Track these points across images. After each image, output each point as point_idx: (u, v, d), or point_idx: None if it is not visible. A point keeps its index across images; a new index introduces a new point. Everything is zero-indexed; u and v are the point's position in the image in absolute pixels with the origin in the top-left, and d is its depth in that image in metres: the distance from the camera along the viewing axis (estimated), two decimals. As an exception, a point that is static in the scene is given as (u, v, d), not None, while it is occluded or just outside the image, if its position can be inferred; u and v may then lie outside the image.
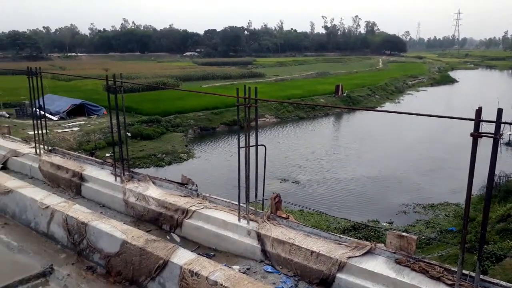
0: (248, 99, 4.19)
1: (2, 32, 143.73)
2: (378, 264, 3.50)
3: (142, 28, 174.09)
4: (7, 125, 9.13)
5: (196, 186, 5.23)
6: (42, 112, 7.87)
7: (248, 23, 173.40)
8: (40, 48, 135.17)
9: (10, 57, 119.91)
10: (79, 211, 4.43)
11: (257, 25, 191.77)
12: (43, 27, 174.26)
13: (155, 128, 37.38)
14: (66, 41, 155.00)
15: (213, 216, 4.55)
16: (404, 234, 3.63)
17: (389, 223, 18.06)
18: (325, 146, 34.52)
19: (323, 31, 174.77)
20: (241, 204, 4.45)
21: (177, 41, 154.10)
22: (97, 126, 35.66)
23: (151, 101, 43.23)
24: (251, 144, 4.37)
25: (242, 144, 4.36)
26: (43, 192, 5.10)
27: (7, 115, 38.28)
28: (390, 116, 44.16)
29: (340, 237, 3.99)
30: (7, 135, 8.19)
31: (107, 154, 26.05)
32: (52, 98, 39.08)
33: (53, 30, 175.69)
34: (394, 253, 3.58)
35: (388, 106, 55.06)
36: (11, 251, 4.36)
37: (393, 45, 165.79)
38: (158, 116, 39.33)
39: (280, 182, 24.28)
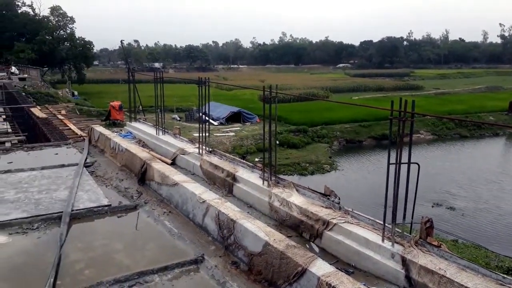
0: (403, 113, 3.94)
1: (180, 46, 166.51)
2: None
3: (298, 41, 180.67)
4: (178, 127, 10.53)
5: (339, 198, 5.15)
6: (207, 118, 8.81)
7: (409, 33, 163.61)
8: (209, 60, 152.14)
9: (185, 68, 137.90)
10: (230, 209, 4.80)
11: (418, 35, 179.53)
12: (212, 42, 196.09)
13: (301, 138, 38.29)
14: (230, 54, 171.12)
15: (355, 232, 4.40)
16: None
17: None
18: (486, 173, 30.01)
19: (498, 40, 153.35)
20: (386, 224, 4.20)
21: (331, 53, 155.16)
22: (250, 133, 38.34)
23: (300, 112, 44.44)
24: (402, 161, 4.09)
25: (392, 160, 4.11)
26: (201, 188, 5.70)
27: (178, 118, 44.18)
28: None
29: (503, 277, 3.41)
30: (178, 136, 9.43)
31: (256, 159, 27.78)
32: (215, 105, 43.49)
33: (220, 44, 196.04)
34: None
35: None
36: (172, 236, 4.98)
37: None
38: (306, 126, 40.16)
39: (432, 207, 22.17)
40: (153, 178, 6.63)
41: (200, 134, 7.73)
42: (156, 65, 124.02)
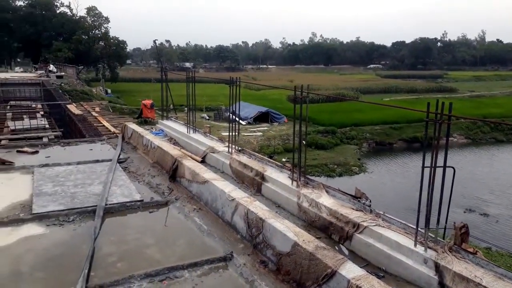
0: (440, 115, 3.84)
1: (210, 47, 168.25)
2: None
3: (328, 41, 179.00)
4: (208, 125, 10.66)
5: (370, 201, 5.07)
6: (236, 117, 8.86)
7: (443, 34, 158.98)
8: (238, 60, 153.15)
9: (215, 67, 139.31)
10: (258, 207, 4.82)
11: (453, 36, 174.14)
12: (242, 42, 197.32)
13: (329, 139, 37.93)
14: (260, 54, 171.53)
15: (386, 236, 4.33)
16: None
17: None
18: (521, 180, 28.83)
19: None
20: (419, 229, 4.11)
21: (361, 54, 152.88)
22: (278, 133, 38.30)
23: (328, 112, 44.06)
24: (436, 164, 3.99)
25: (426, 163, 4.02)
26: (231, 186, 5.74)
27: (208, 117, 44.73)
28: None
29: (545, 290, 3.27)
30: (208, 134, 9.55)
31: (283, 159, 27.71)
32: (243, 105, 43.79)
33: (250, 45, 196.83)
34: None
35: None
36: (201, 233, 5.05)
37: None
38: (334, 127, 39.77)
39: (464, 212, 21.48)
40: (184, 175, 6.74)
41: (230, 133, 7.79)
42: (187, 64, 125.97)
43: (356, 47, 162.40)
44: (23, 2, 76.23)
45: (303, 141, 5.94)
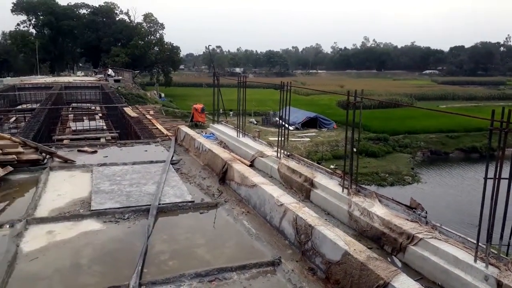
0: (506, 123, 3.60)
1: (260, 52, 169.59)
2: None
3: (382, 46, 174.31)
4: (258, 130, 10.73)
5: (426, 212, 4.85)
6: (285, 122, 8.85)
7: (506, 38, 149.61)
8: (288, 65, 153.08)
9: (264, 72, 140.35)
10: (308, 214, 4.76)
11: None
12: (292, 47, 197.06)
13: (381, 147, 36.83)
14: (310, 59, 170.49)
15: (443, 249, 4.11)
16: None
17: None
18: None
19: None
20: (479, 244, 3.87)
21: (416, 59, 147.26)
22: (326, 139, 37.77)
23: (380, 119, 42.77)
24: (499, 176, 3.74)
25: (489, 174, 3.78)
26: (279, 191, 5.73)
27: (255, 122, 45.07)
28: None
29: None
30: (257, 138, 9.61)
31: (331, 166, 27.26)
32: (291, 110, 43.52)
33: (300, 50, 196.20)
34: None
35: None
36: (250, 236, 5.07)
37: None
38: (386, 135, 38.58)
39: (528, 229, 19.92)
40: (233, 178, 6.82)
41: (279, 138, 7.79)
42: (237, 70, 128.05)
43: (411, 52, 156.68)
44: (86, 10, 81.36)
45: (351, 148, 5.80)
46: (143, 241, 4.68)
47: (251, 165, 8.22)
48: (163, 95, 66.12)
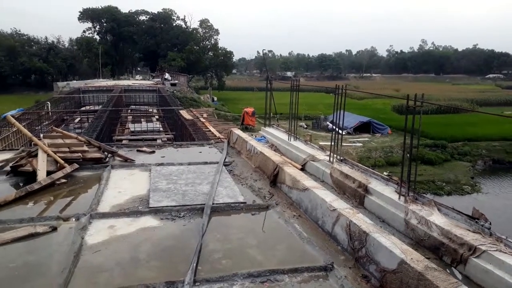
0: None
1: (312, 56, 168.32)
2: None
3: (441, 49, 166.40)
4: (309, 133, 10.67)
5: (490, 223, 4.57)
6: (336, 127, 8.72)
7: None
8: (340, 69, 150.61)
9: (315, 76, 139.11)
10: (362, 220, 4.67)
11: None
12: (346, 50, 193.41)
13: (438, 154, 35.21)
14: (364, 63, 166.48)
15: (509, 263, 3.86)
16: None
17: None
18: None
19: None
20: (552, 260, 3.59)
21: (479, 62, 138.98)
22: (380, 145, 36.68)
23: (438, 125, 40.83)
24: None
25: None
26: (332, 196, 5.66)
27: (305, 126, 44.74)
28: None
29: None
30: (309, 142, 9.56)
31: (385, 173, 26.41)
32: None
33: (354, 53, 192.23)
34: None
35: None
36: (301, 240, 5.05)
37: None
38: (444, 142, 36.84)
39: None
40: (284, 181, 6.83)
41: (332, 142, 7.70)
42: (288, 74, 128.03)
43: (473, 55, 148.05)
44: (146, 17, 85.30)
45: (409, 154, 5.60)
46: (198, 239, 4.81)
47: (302, 169, 8.18)
48: (215, 98, 67.62)
